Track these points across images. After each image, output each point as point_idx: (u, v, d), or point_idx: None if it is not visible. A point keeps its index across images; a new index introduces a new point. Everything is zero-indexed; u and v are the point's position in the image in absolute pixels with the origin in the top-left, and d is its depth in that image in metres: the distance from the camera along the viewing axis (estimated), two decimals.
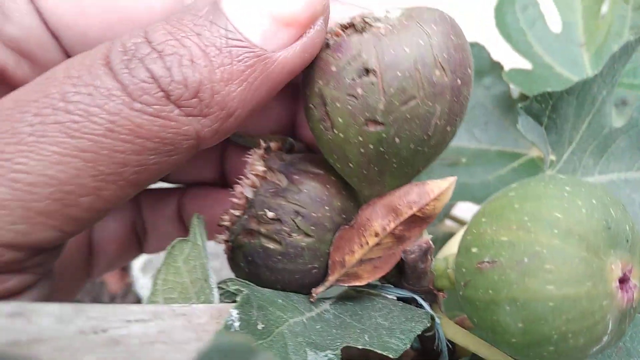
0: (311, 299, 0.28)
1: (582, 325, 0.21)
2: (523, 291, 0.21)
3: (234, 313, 0.23)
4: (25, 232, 0.22)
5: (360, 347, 0.25)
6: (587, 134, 0.34)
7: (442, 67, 0.24)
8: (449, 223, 0.50)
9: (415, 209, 0.27)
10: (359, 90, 0.24)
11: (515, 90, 0.46)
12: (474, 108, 0.46)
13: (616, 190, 0.35)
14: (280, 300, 0.27)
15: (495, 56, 0.46)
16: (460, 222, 0.49)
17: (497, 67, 0.45)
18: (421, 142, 0.25)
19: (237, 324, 0.23)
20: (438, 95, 0.25)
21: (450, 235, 0.45)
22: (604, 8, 0.46)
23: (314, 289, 0.29)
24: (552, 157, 0.33)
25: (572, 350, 0.21)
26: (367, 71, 0.24)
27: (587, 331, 0.21)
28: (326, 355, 0.25)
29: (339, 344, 0.25)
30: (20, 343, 0.16)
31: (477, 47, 0.45)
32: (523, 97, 0.45)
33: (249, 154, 0.29)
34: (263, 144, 0.29)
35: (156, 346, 0.20)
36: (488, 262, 0.23)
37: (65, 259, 0.29)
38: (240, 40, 0.23)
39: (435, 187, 0.26)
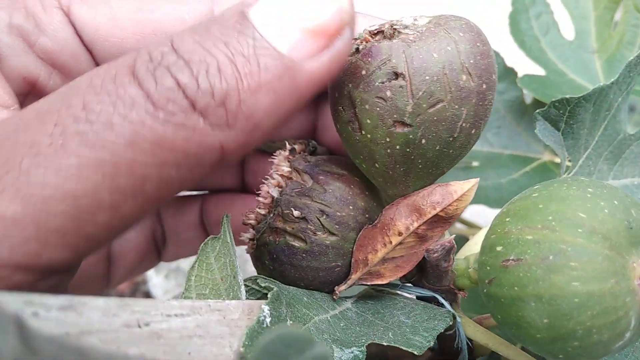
0: (334, 297, 0.29)
1: (606, 320, 0.21)
2: (549, 287, 0.22)
3: (266, 309, 0.23)
4: (36, 253, 0.21)
5: (385, 343, 0.26)
6: (602, 140, 0.35)
7: (469, 72, 0.25)
8: (458, 226, 0.51)
9: (438, 209, 0.27)
10: (388, 93, 0.25)
11: (528, 96, 0.46)
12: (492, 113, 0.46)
13: (630, 194, 0.35)
14: (305, 298, 0.27)
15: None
16: (470, 225, 0.49)
17: (511, 72, 0.45)
18: (447, 144, 0.26)
19: (268, 319, 0.23)
20: (464, 99, 0.25)
21: (460, 237, 0.45)
22: (617, 16, 0.46)
23: (337, 287, 0.29)
24: (568, 162, 0.34)
25: (595, 346, 0.22)
26: (397, 75, 0.25)
27: (611, 327, 0.22)
28: (352, 352, 0.25)
29: (363, 340, 0.26)
30: (71, 335, 0.17)
31: None
32: (536, 103, 0.45)
33: (274, 156, 0.30)
34: (288, 146, 0.30)
35: (194, 340, 0.21)
36: (513, 259, 0.23)
37: (83, 270, 0.27)
38: (268, 50, 0.22)
39: (459, 188, 0.27)
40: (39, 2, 0.29)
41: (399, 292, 0.30)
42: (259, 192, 0.29)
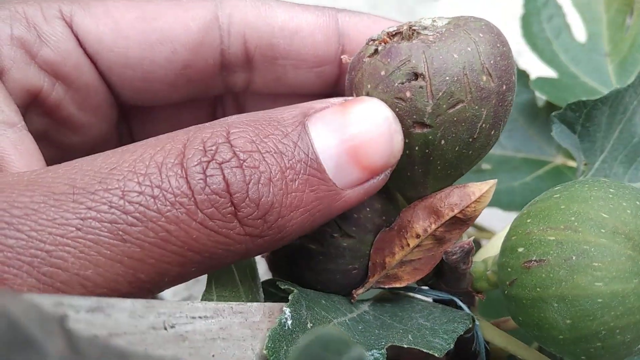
0: (352, 300, 0.29)
1: (630, 321, 0.21)
2: (572, 288, 0.22)
3: (287, 311, 0.23)
4: None
5: (405, 346, 0.25)
6: (617, 143, 0.35)
7: (489, 72, 0.25)
8: (468, 229, 0.50)
9: (456, 211, 0.27)
10: (408, 94, 0.25)
11: (540, 99, 0.46)
12: None
13: None
14: (323, 301, 0.27)
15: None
16: (480, 229, 0.49)
17: (523, 75, 0.45)
18: (466, 145, 0.26)
19: (290, 322, 0.23)
20: (484, 99, 0.25)
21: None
22: (629, 20, 0.46)
23: (354, 290, 0.29)
24: (584, 165, 0.34)
25: (618, 347, 0.22)
26: (416, 75, 0.25)
27: (634, 327, 0.22)
28: (372, 355, 0.25)
29: (383, 343, 0.26)
30: (99, 337, 0.17)
31: None
32: (548, 106, 0.45)
33: None
34: None
35: (217, 342, 0.21)
36: (535, 260, 0.23)
37: None
38: (319, 172, 0.23)
39: (477, 189, 0.27)
40: (40, 13, 0.29)
41: (416, 294, 0.30)
42: None
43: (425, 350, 0.25)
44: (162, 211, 0.20)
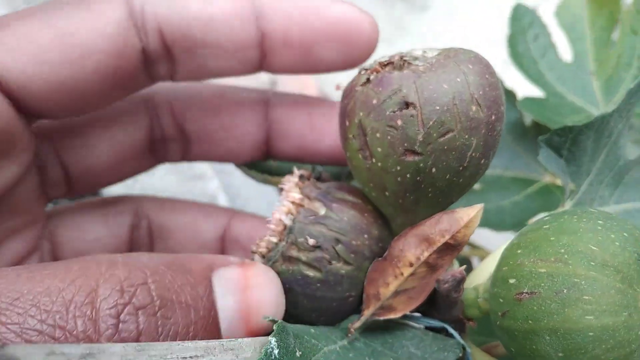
0: (349, 334, 0.29)
1: (620, 353, 0.22)
2: (563, 321, 0.22)
3: (273, 341, 0.23)
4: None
5: None
6: (603, 166, 0.35)
7: (478, 103, 0.25)
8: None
9: (447, 237, 0.27)
10: (399, 122, 0.25)
11: (527, 117, 0.47)
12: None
13: (631, 218, 0.36)
14: (312, 330, 0.27)
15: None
16: (472, 246, 0.49)
17: (510, 95, 0.46)
18: (456, 173, 0.26)
19: (276, 351, 0.23)
20: (474, 129, 0.26)
21: (462, 260, 0.45)
22: (614, 37, 0.47)
23: (350, 324, 0.29)
24: (572, 188, 0.34)
25: None
26: (407, 104, 0.25)
27: (625, 359, 0.22)
28: None
29: None
30: None
31: None
32: (535, 124, 0.46)
33: (283, 182, 0.30)
34: (297, 172, 0.30)
35: None
36: (527, 292, 0.23)
37: None
38: (215, 329, 0.24)
39: (464, 214, 0.27)
40: None
41: (407, 322, 0.30)
42: (269, 219, 0.29)
43: None
44: None
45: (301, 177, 0.30)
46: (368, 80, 0.27)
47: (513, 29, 0.47)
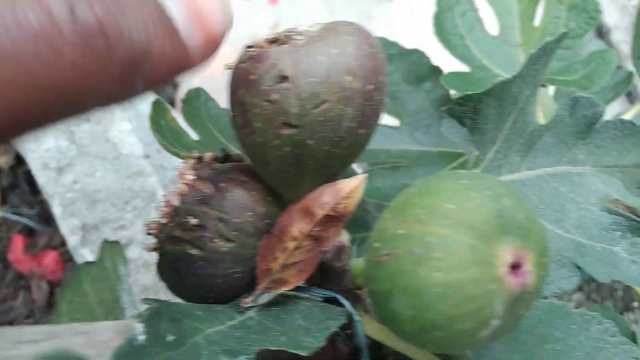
0: (242, 309, 0.29)
1: (467, 309, 0.22)
2: (414, 280, 0.22)
3: (139, 327, 0.23)
4: None
5: (274, 348, 0.26)
6: (512, 133, 0.35)
7: (354, 73, 0.26)
8: None
9: (327, 209, 0.27)
10: (275, 96, 0.26)
11: (457, 94, 0.47)
12: (415, 112, 0.47)
13: (544, 184, 0.36)
14: (199, 312, 0.27)
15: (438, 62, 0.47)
16: None
17: (436, 71, 0.46)
18: (334, 144, 0.27)
19: (142, 337, 0.23)
20: (349, 99, 0.26)
21: None
22: (540, 9, 0.47)
23: (243, 299, 0.29)
24: (476, 156, 0.34)
25: (460, 335, 0.22)
26: (283, 78, 0.25)
27: (472, 315, 0.22)
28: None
29: (255, 347, 0.26)
30: None
31: (417, 54, 0.46)
32: None
33: (180, 165, 0.30)
34: (195, 155, 0.30)
35: None
36: (386, 254, 0.23)
37: None
38: (175, 33, 0.21)
39: (346, 186, 0.27)
40: None
41: (305, 295, 0.30)
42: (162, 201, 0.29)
43: (292, 351, 0.25)
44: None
45: (199, 159, 0.30)
46: (250, 57, 0.27)
47: (440, 6, 0.47)
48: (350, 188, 0.27)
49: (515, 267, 0.23)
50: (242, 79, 0.27)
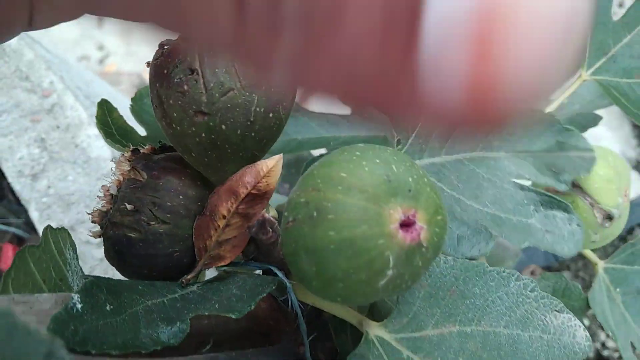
0: (182, 284, 0.32)
1: (360, 261, 0.25)
2: (312, 240, 0.25)
3: (75, 297, 0.26)
4: None
5: (206, 313, 0.29)
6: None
7: None
8: None
9: (250, 188, 0.31)
10: (186, 87, 0.29)
11: None
12: None
13: (462, 166, 0.39)
14: (140, 287, 0.30)
15: None
16: None
17: None
18: (246, 128, 0.30)
19: (79, 305, 0.26)
20: (254, 86, 0.29)
21: None
22: None
23: (184, 277, 0.32)
24: (397, 140, 0.37)
25: (359, 285, 0.25)
26: (192, 70, 0.29)
27: (366, 266, 0.25)
28: (178, 326, 0.28)
29: (190, 315, 0.29)
30: None
31: None
32: None
33: (117, 158, 0.33)
34: (131, 147, 0.34)
35: None
36: (291, 221, 0.27)
37: None
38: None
39: (264, 165, 0.30)
40: None
41: (239, 270, 0.34)
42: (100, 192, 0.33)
43: (224, 314, 0.28)
44: None
45: (134, 151, 0.34)
46: (163, 53, 0.30)
47: None
48: (268, 167, 0.31)
49: (408, 224, 0.26)
50: (157, 74, 0.30)
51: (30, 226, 1.05)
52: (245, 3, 0.13)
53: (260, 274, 0.34)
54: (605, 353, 1.32)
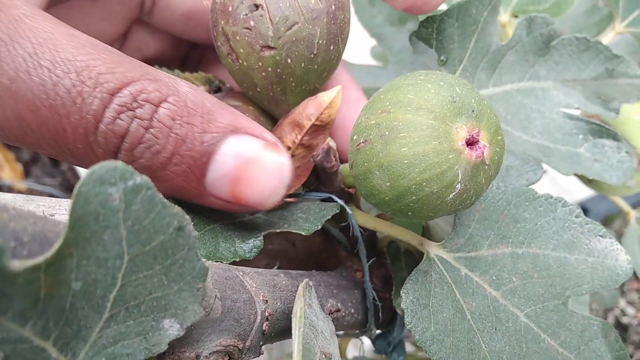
0: (251, 214, 0.34)
1: (432, 174, 0.26)
2: (386, 156, 0.27)
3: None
4: None
5: (278, 230, 0.31)
6: (475, 52, 0.39)
7: None
8: None
9: (313, 119, 0.32)
10: (252, 23, 0.30)
11: None
12: (400, 52, 0.51)
13: (510, 98, 0.40)
14: (213, 211, 0.32)
15: None
16: None
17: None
18: (310, 60, 0.31)
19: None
20: (316, 19, 0.30)
21: None
22: None
23: None
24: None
25: (430, 197, 0.27)
26: (256, 6, 0.30)
27: (438, 178, 0.26)
28: (252, 242, 0.30)
29: (263, 232, 0.31)
30: None
31: None
32: None
33: None
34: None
35: None
36: (362, 142, 0.28)
37: None
38: (200, 172, 0.27)
39: (326, 97, 0.32)
40: None
41: (305, 198, 0.35)
42: None
43: (294, 231, 0.30)
44: (71, 104, 0.24)
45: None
46: None
47: None
48: (330, 99, 0.32)
49: (472, 143, 0.27)
50: (221, 11, 0.31)
51: (65, 187, 1.07)
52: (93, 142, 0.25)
53: (318, 201, 0.36)
54: (625, 320, 1.34)
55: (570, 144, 0.39)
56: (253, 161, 0.27)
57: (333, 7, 0.31)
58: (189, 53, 0.44)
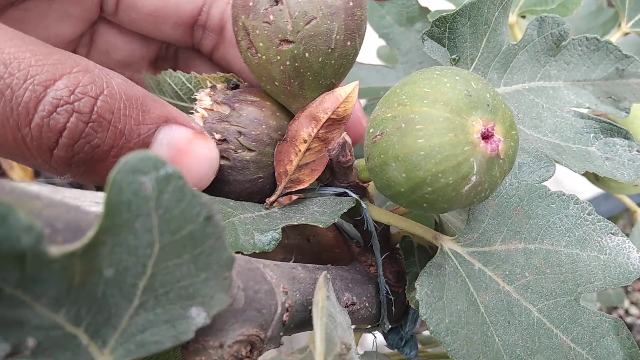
0: (266, 207, 0.34)
1: (448, 165, 0.27)
2: (402, 148, 0.27)
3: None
4: None
5: (296, 223, 0.31)
6: (487, 52, 0.40)
7: None
8: None
9: (330, 113, 0.33)
10: (271, 17, 0.31)
11: None
12: (409, 51, 0.52)
13: (521, 97, 0.41)
14: (231, 203, 0.33)
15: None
16: None
17: (425, 12, 0.51)
18: (327, 55, 0.32)
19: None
20: (334, 14, 0.31)
21: None
22: None
23: (267, 199, 0.35)
24: None
25: (445, 188, 0.27)
26: (276, 1, 0.31)
27: (453, 170, 0.27)
28: (270, 234, 0.31)
29: (281, 225, 0.31)
30: None
31: None
32: None
33: (197, 94, 0.35)
34: (209, 84, 0.36)
35: None
36: (379, 134, 0.29)
37: None
38: None
39: (342, 92, 0.32)
40: None
41: (319, 193, 0.36)
42: None
43: (312, 223, 0.31)
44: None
45: (213, 87, 0.36)
46: None
47: None
48: (346, 93, 0.33)
49: (487, 136, 0.28)
50: (242, 6, 0.32)
51: (73, 186, 1.09)
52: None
53: (332, 196, 0.36)
54: (629, 320, 1.34)
55: (582, 142, 0.40)
56: (186, 150, 0.30)
57: (351, 3, 0.31)
58: (160, 53, 0.44)
